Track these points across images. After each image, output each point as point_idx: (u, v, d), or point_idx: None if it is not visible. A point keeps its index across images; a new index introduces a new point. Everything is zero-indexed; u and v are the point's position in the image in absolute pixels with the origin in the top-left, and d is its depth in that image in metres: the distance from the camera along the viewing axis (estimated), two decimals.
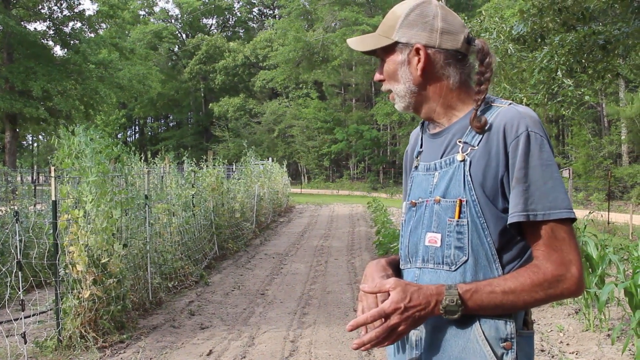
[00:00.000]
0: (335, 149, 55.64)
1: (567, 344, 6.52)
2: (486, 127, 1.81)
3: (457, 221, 1.80)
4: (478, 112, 1.84)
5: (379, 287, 1.75)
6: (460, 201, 1.79)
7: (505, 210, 1.77)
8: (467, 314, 1.73)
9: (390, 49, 1.94)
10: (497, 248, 1.78)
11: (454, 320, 1.74)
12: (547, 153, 1.75)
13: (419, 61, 1.90)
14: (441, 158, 1.91)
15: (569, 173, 24.30)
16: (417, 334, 1.85)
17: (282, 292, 9.74)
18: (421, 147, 2.07)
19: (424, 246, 1.88)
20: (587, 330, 6.84)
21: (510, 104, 1.86)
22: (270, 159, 28.25)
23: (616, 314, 7.41)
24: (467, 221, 1.78)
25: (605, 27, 9.69)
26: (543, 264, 1.72)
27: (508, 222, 1.75)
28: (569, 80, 9.86)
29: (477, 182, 1.78)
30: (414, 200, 1.98)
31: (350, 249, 14.67)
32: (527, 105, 10.17)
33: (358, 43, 2.02)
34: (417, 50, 1.89)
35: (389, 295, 1.72)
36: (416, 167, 2.04)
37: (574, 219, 1.75)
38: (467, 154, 1.83)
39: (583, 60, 9.82)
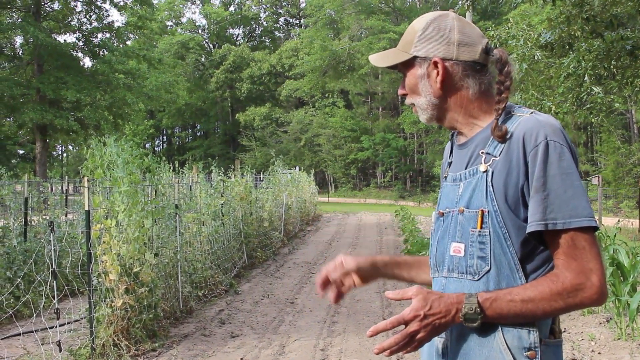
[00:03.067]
0: (362, 156, 55.59)
1: (599, 353, 6.47)
2: (507, 136, 1.83)
3: (480, 231, 1.82)
4: (499, 122, 1.87)
5: (402, 294, 1.79)
6: (482, 212, 1.82)
7: (527, 220, 1.78)
8: (489, 323, 1.75)
9: (409, 64, 1.99)
10: (519, 257, 1.79)
11: (475, 328, 1.76)
12: (567, 162, 1.75)
13: (437, 74, 1.93)
14: (466, 169, 1.94)
15: (599, 180, 24.11)
16: (444, 342, 1.89)
17: (311, 300, 9.77)
18: (450, 157, 2.11)
19: (449, 256, 1.92)
20: (618, 339, 6.78)
21: (531, 112, 1.87)
22: (297, 167, 28.31)
23: None
24: (489, 231, 1.80)
25: (634, 32, 9.61)
26: (562, 272, 1.73)
27: (527, 231, 1.77)
28: (597, 87, 9.79)
29: (498, 193, 1.80)
30: (441, 210, 2.01)
31: None
32: (556, 113, 10.13)
33: (379, 59, 2.07)
34: (435, 64, 1.93)
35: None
36: (445, 178, 2.08)
37: (595, 228, 1.76)
38: (489, 165, 1.85)
39: (611, 67, 9.74)
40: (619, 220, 12.96)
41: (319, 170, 60.32)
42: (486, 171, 1.84)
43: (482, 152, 1.89)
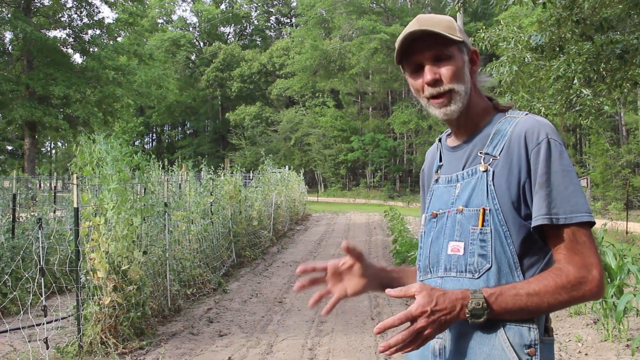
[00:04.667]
0: (352, 157, 55.65)
1: (586, 354, 6.49)
2: (506, 137, 1.87)
3: (481, 229, 1.83)
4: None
5: (405, 291, 1.78)
6: (484, 210, 1.83)
7: (527, 217, 1.81)
8: (491, 320, 1.75)
9: (449, 48, 1.92)
10: (519, 255, 1.81)
11: (479, 324, 1.76)
12: (567, 160, 1.80)
13: (473, 64, 1.98)
14: (463, 170, 1.95)
15: (587, 182, 24.22)
16: (441, 343, 1.88)
17: (299, 300, 9.76)
18: (440, 161, 2.11)
19: (446, 255, 1.91)
20: (605, 340, 6.81)
21: (526, 114, 1.91)
22: (287, 167, 28.28)
23: (635, 324, 7.37)
24: (491, 229, 1.82)
25: (623, 35, 9.66)
26: (565, 266, 1.75)
27: (532, 225, 1.79)
28: (586, 90, 9.84)
29: (500, 191, 1.83)
30: (434, 212, 2.01)
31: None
32: (546, 115, 10.17)
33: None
34: (475, 53, 1.99)
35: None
36: (436, 181, 2.07)
37: (593, 223, 1.79)
38: (489, 164, 1.87)
39: (601, 69, 9.79)
40: (605, 223, 13.01)
41: (309, 170, 60.36)
42: (486, 171, 1.86)
43: (481, 153, 1.91)
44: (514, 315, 1.76)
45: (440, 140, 2.16)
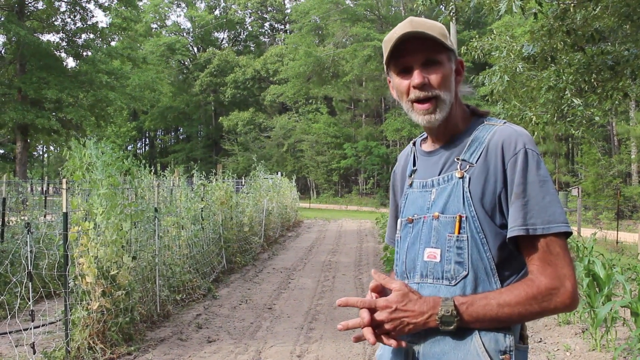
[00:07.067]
0: (344, 164, 55.64)
1: None
2: (483, 145, 1.88)
3: (457, 236, 1.84)
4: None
5: (387, 282, 1.84)
6: (460, 217, 1.84)
7: (503, 226, 1.82)
8: (464, 327, 1.77)
9: (442, 55, 1.92)
10: (496, 263, 1.82)
11: (451, 332, 1.77)
12: (544, 170, 1.80)
13: (458, 74, 1.98)
14: (439, 175, 1.95)
15: (578, 192, 24.24)
16: (416, 348, 1.88)
17: (289, 306, 9.75)
18: (414, 165, 2.11)
19: (422, 261, 1.92)
20: (593, 349, 6.83)
21: (504, 122, 1.92)
22: (279, 173, 28.25)
23: (623, 334, 7.39)
24: (467, 236, 1.82)
25: (614, 47, 9.71)
26: (537, 277, 1.75)
27: (507, 236, 1.79)
28: (578, 99, 9.88)
29: (476, 199, 1.83)
30: (410, 217, 2.01)
31: (357, 265, 14.65)
32: (537, 124, 10.20)
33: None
34: (462, 64, 2.00)
35: None
36: (410, 185, 2.08)
37: (570, 233, 1.79)
38: (465, 171, 1.87)
39: (592, 80, 9.84)
40: (595, 233, 13.02)
41: (301, 176, 60.33)
42: (462, 177, 1.87)
43: (458, 159, 1.91)
44: (485, 324, 1.76)
45: (414, 143, 2.16)
